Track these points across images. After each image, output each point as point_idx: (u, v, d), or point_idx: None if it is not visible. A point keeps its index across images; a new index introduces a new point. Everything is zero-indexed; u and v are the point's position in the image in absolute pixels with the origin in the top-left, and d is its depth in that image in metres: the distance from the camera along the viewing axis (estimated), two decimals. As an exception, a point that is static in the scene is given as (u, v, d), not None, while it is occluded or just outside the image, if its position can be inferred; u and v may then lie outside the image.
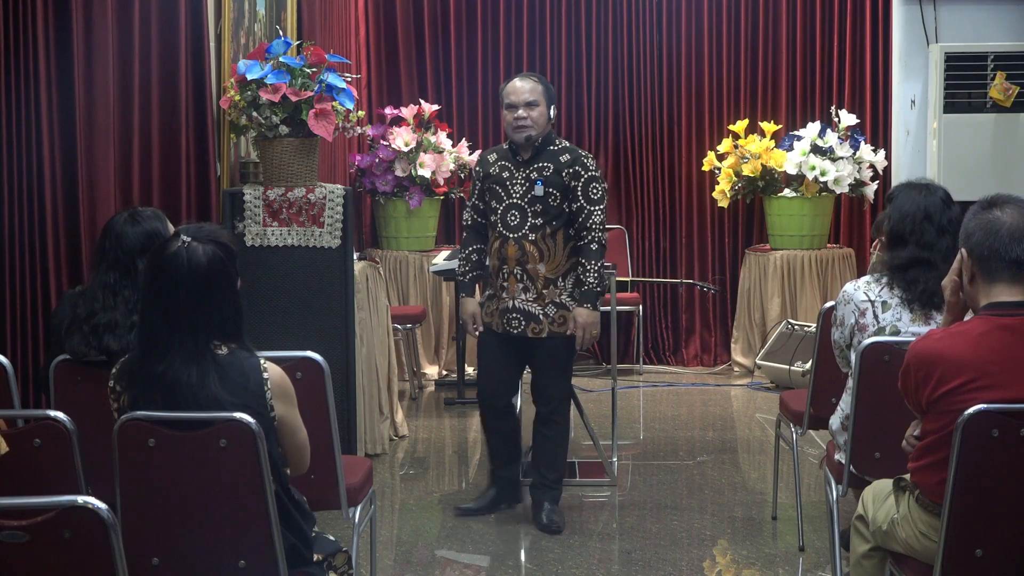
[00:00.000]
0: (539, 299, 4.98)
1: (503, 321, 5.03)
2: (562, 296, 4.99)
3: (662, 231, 8.54)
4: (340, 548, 3.35)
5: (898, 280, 3.94)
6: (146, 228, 3.77)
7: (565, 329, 4.99)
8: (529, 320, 5.00)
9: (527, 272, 4.97)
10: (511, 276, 5.00)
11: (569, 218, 4.98)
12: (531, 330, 5.00)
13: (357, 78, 6.98)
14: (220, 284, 3.00)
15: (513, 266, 4.98)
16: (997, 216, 3.02)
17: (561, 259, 4.98)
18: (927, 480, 3.09)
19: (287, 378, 3.13)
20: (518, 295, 4.99)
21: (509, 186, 5.00)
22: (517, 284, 4.99)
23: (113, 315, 3.67)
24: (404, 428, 6.60)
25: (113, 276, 3.71)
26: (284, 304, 5.38)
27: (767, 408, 7.18)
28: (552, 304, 4.99)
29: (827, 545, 4.59)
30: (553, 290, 4.98)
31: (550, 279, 4.97)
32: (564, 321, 4.99)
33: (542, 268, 4.96)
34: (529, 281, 4.98)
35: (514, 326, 5.01)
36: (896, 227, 3.98)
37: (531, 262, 4.96)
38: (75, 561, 2.47)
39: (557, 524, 5.03)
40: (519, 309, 5.00)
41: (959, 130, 7.47)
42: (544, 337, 5.01)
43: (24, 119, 4.14)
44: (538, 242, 4.96)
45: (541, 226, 4.95)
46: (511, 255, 4.98)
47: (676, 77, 8.44)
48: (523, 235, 4.96)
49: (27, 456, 3.02)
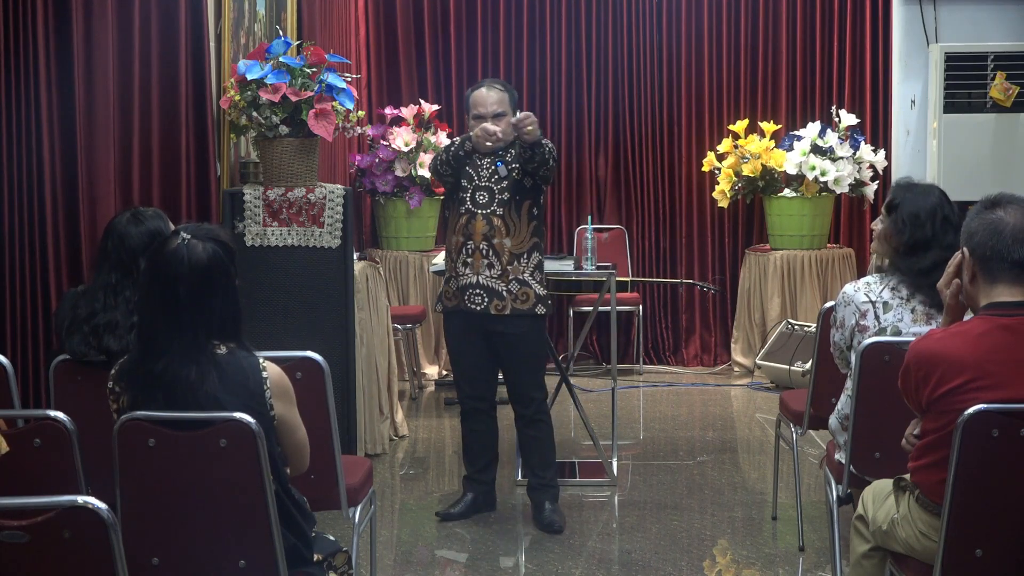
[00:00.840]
0: (503, 275, 4.98)
1: (464, 299, 5.02)
2: (524, 274, 4.99)
3: (662, 231, 8.54)
4: (340, 548, 3.35)
5: (922, 285, 3.87)
6: (148, 228, 3.78)
7: (529, 306, 4.99)
8: (492, 296, 4.99)
9: (493, 247, 4.97)
10: (476, 252, 4.99)
11: (532, 195, 5.00)
12: (494, 307, 4.99)
13: (357, 78, 6.98)
14: (220, 281, 3.00)
15: (480, 241, 4.98)
16: (1000, 217, 3.01)
17: (525, 235, 5.00)
18: (927, 480, 3.09)
19: (286, 377, 3.13)
20: (482, 271, 4.98)
21: (478, 171, 5.03)
22: (482, 260, 4.98)
23: (114, 315, 3.67)
24: (404, 428, 6.60)
25: (115, 276, 3.72)
26: (284, 304, 5.38)
27: (767, 408, 7.18)
28: (515, 280, 4.98)
29: (827, 545, 4.59)
30: (517, 266, 4.98)
31: (515, 254, 4.98)
32: (527, 299, 4.99)
33: (508, 243, 4.97)
34: (494, 256, 4.97)
35: (476, 303, 5.00)
36: (916, 233, 3.91)
37: (497, 236, 4.97)
38: (75, 561, 2.47)
39: (559, 524, 5.03)
40: (482, 285, 4.99)
41: (959, 130, 7.48)
42: (507, 314, 4.99)
43: (24, 119, 4.14)
44: (505, 216, 4.97)
45: (508, 200, 4.98)
46: (478, 230, 4.98)
47: (676, 77, 8.44)
48: (491, 211, 4.98)
49: (27, 456, 3.02)
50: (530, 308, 5.01)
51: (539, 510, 5.11)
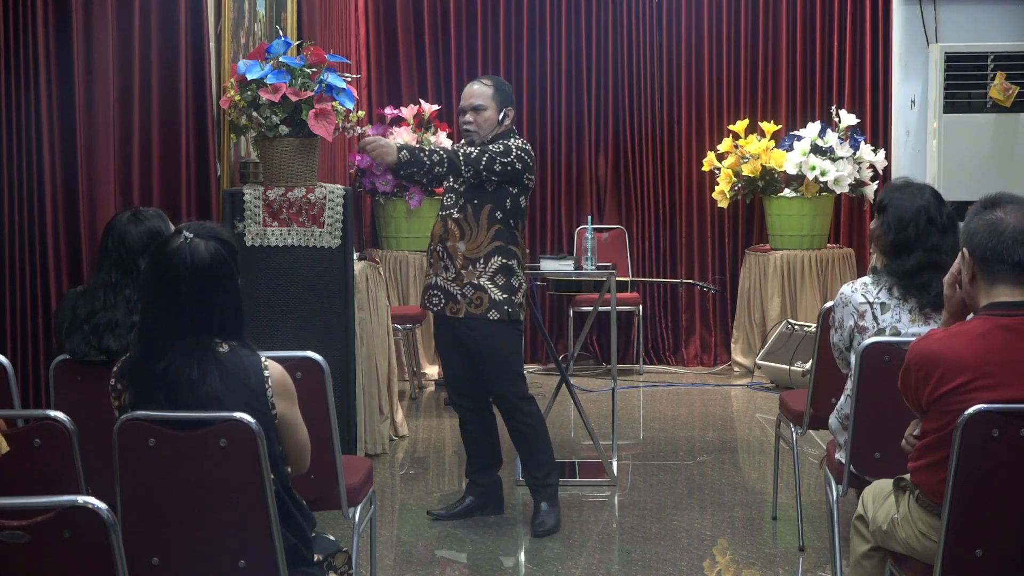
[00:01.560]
0: (457, 279, 4.95)
1: (424, 298, 5.08)
2: (481, 279, 4.93)
3: (662, 231, 8.54)
4: (340, 548, 3.35)
5: (909, 287, 3.90)
6: (149, 227, 3.78)
7: (482, 311, 4.94)
8: (448, 299, 4.99)
9: (447, 250, 4.97)
10: (434, 253, 5.03)
11: (495, 198, 4.93)
12: (449, 309, 4.99)
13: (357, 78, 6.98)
14: (222, 280, 3.00)
15: (436, 243, 5.01)
16: (1000, 217, 3.01)
17: (483, 240, 4.93)
18: (927, 480, 3.09)
19: (288, 376, 3.13)
20: (440, 273, 5.00)
21: None
22: (439, 262, 5.01)
23: (114, 314, 3.67)
24: (404, 428, 6.60)
25: (115, 275, 3.72)
26: (284, 304, 5.38)
27: (767, 408, 7.18)
28: (470, 285, 4.94)
29: (827, 545, 4.59)
30: (472, 271, 4.93)
31: (469, 259, 4.93)
32: (481, 303, 4.93)
33: (461, 247, 4.94)
34: (448, 259, 4.97)
35: (434, 303, 5.04)
36: (899, 235, 3.93)
37: (451, 239, 4.96)
38: (75, 561, 2.47)
39: (547, 527, 4.99)
40: (439, 287, 5.02)
41: (959, 130, 7.48)
42: (461, 317, 4.96)
43: (24, 119, 4.14)
44: (460, 220, 4.95)
45: (464, 204, 4.95)
46: (436, 232, 5.02)
47: (676, 77, 8.45)
48: (448, 213, 5.00)
49: (27, 456, 3.02)
50: (483, 312, 4.93)
51: (534, 512, 5.09)
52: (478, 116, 5.00)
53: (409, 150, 4.90)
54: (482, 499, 5.24)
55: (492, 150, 4.90)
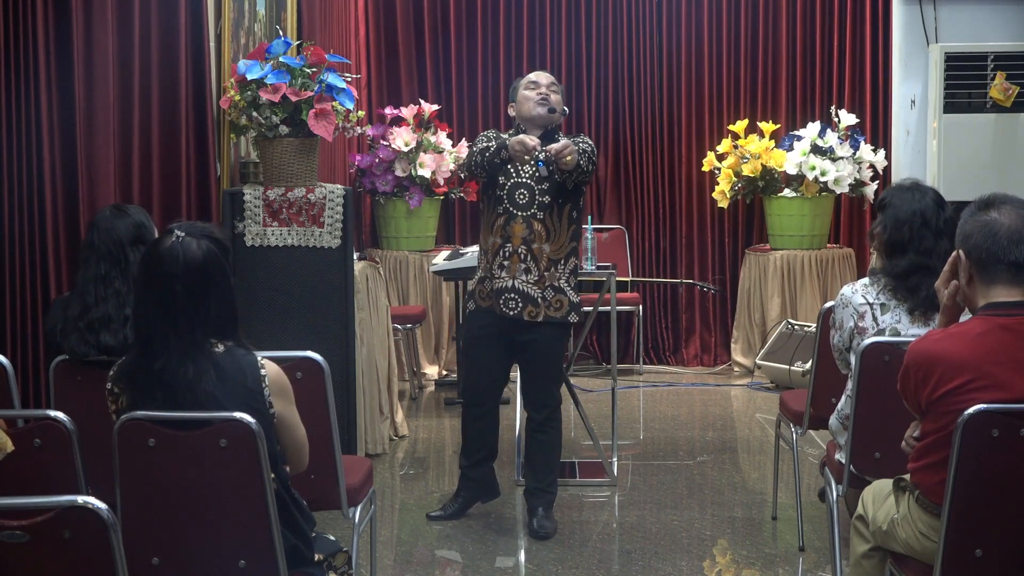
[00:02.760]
0: (539, 281, 4.88)
1: (499, 302, 4.91)
2: (560, 280, 4.90)
3: (662, 231, 8.54)
4: (340, 548, 3.35)
5: (900, 288, 3.92)
6: (134, 220, 3.82)
7: (562, 314, 4.92)
8: (527, 302, 4.89)
9: (531, 252, 4.87)
10: (514, 255, 4.88)
11: (574, 198, 4.92)
12: (527, 313, 4.89)
13: (357, 78, 6.98)
14: (216, 278, 3.00)
15: (518, 244, 4.87)
16: (995, 218, 3.01)
17: (564, 240, 4.91)
18: (927, 480, 3.09)
19: (284, 375, 3.14)
20: (519, 275, 4.89)
21: (517, 166, 4.91)
22: (519, 264, 4.88)
23: (105, 309, 3.69)
24: (404, 428, 6.60)
25: (104, 267, 3.73)
26: (284, 304, 5.37)
27: (767, 408, 7.18)
28: (551, 288, 4.89)
29: (827, 545, 4.59)
30: (554, 272, 4.89)
31: (553, 260, 4.89)
32: (561, 306, 4.91)
33: (547, 248, 4.88)
34: (532, 261, 4.87)
35: (510, 307, 4.90)
36: (893, 235, 3.96)
37: (537, 241, 4.87)
38: (75, 561, 2.47)
39: (547, 530, 4.97)
40: (517, 290, 4.90)
41: (959, 130, 7.48)
42: (539, 321, 4.90)
43: (24, 119, 4.14)
44: (545, 220, 4.87)
45: (549, 204, 4.87)
46: (517, 233, 4.88)
47: (676, 77, 8.45)
48: (531, 213, 4.87)
49: (27, 456, 3.02)
50: (563, 316, 4.93)
51: (532, 514, 5.05)
52: (553, 94, 4.99)
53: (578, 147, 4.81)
54: (477, 490, 5.23)
55: (588, 149, 4.88)
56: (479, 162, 4.93)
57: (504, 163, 4.89)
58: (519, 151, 4.80)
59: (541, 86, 5.01)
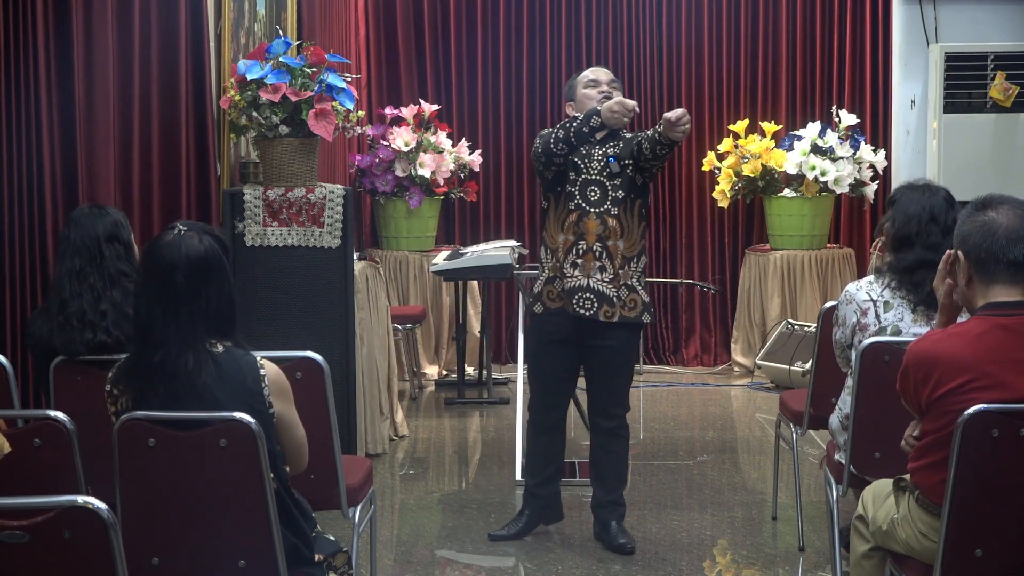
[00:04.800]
0: (615, 280, 4.69)
1: (572, 301, 4.70)
2: (632, 279, 4.73)
3: (662, 231, 8.54)
4: (340, 548, 3.35)
5: (904, 282, 3.93)
6: (112, 217, 3.84)
7: (636, 314, 4.73)
8: (602, 302, 4.69)
9: (607, 249, 4.69)
10: (588, 253, 4.69)
11: (644, 193, 4.78)
12: (603, 313, 4.69)
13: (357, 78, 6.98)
14: (216, 273, 3.01)
15: (593, 242, 4.69)
16: (993, 218, 3.02)
17: (636, 236, 4.73)
18: (927, 480, 3.09)
19: (283, 375, 3.14)
20: (593, 274, 4.69)
21: (587, 162, 4.74)
22: (594, 262, 4.69)
23: (80, 304, 3.70)
24: (404, 428, 6.60)
25: (79, 262, 3.74)
26: (284, 304, 5.37)
27: (767, 408, 7.18)
28: (625, 286, 4.71)
29: (827, 545, 4.59)
30: (628, 270, 4.71)
31: (627, 258, 4.72)
32: (635, 305, 4.73)
33: (621, 245, 4.70)
34: (607, 259, 4.69)
35: (586, 307, 4.69)
36: (901, 229, 3.97)
37: (612, 238, 4.69)
38: (75, 561, 2.47)
39: (630, 545, 4.78)
40: (593, 289, 4.70)
41: (959, 130, 7.47)
42: (615, 322, 4.71)
43: (24, 119, 4.14)
44: (620, 217, 4.70)
45: (623, 199, 4.71)
46: (592, 229, 4.69)
47: (676, 77, 8.44)
48: (606, 209, 4.69)
49: (27, 456, 3.02)
50: (637, 316, 4.74)
51: (605, 529, 4.84)
52: (615, 92, 4.85)
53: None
54: (542, 511, 4.98)
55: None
56: (562, 136, 4.66)
57: (593, 131, 4.66)
58: (618, 112, 4.62)
59: (602, 83, 4.87)
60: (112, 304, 3.73)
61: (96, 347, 3.70)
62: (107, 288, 3.74)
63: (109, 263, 3.76)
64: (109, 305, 3.72)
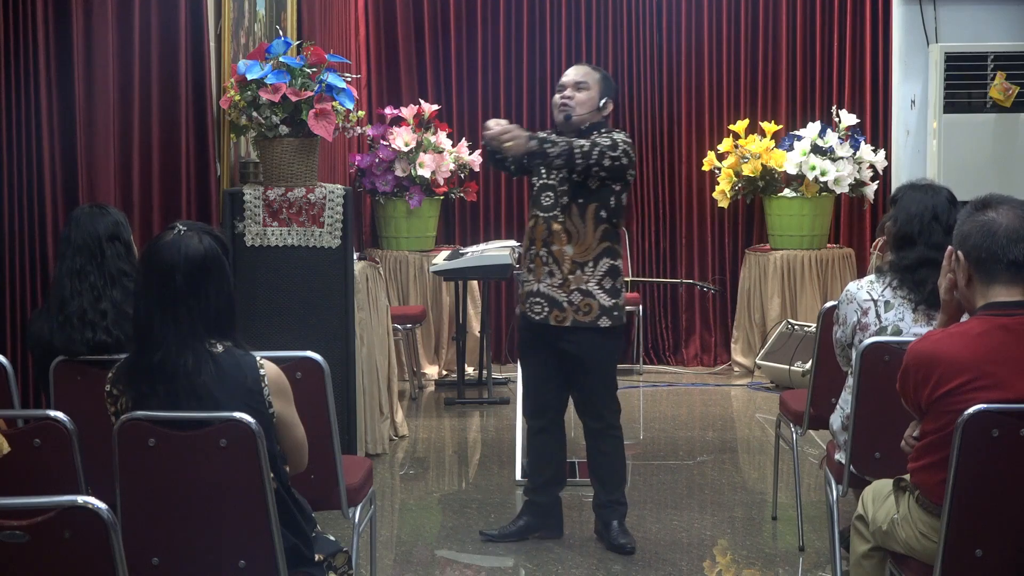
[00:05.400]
0: (564, 285, 4.68)
1: (526, 306, 4.77)
2: (589, 283, 4.67)
3: (662, 231, 8.54)
4: (340, 548, 3.35)
5: (907, 281, 3.92)
6: (113, 217, 3.85)
7: (592, 319, 4.69)
8: (552, 306, 4.70)
9: (552, 254, 4.69)
10: (537, 258, 4.73)
11: (600, 196, 4.67)
12: (554, 317, 4.70)
13: (357, 78, 6.98)
14: (215, 272, 3.01)
15: (540, 247, 4.71)
16: (993, 218, 3.02)
17: (591, 241, 4.67)
18: (927, 481, 3.09)
19: (283, 375, 3.14)
20: (543, 279, 4.71)
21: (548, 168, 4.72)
22: (543, 267, 4.71)
23: (80, 303, 3.70)
24: (404, 428, 6.60)
25: (79, 261, 3.75)
26: (284, 304, 5.38)
27: (767, 408, 7.18)
28: (577, 291, 4.67)
29: (827, 545, 4.59)
30: (580, 275, 4.67)
31: (578, 263, 4.67)
32: (590, 310, 4.68)
33: (569, 250, 4.67)
34: (555, 264, 4.68)
35: (536, 311, 4.73)
36: (904, 228, 3.97)
37: (557, 243, 4.68)
38: (75, 561, 2.47)
39: (630, 545, 4.78)
40: (543, 294, 4.72)
41: (959, 130, 7.47)
42: (567, 326, 4.70)
43: (24, 119, 4.14)
44: (566, 222, 4.66)
45: (567, 205, 4.66)
46: (539, 235, 4.72)
47: (676, 77, 8.45)
48: (553, 215, 4.69)
49: (27, 456, 3.02)
50: (592, 321, 4.68)
51: (607, 528, 4.84)
52: (579, 93, 4.75)
53: (538, 141, 4.56)
54: (539, 519, 4.94)
55: (601, 144, 4.62)
56: None
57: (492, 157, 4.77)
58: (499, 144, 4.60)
59: (566, 87, 4.82)
60: (112, 303, 3.73)
61: (96, 346, 3.70)
62: (107, 287, 3.74)
63: (110, 262, 3.76)
64: (109, 304, 3.73)
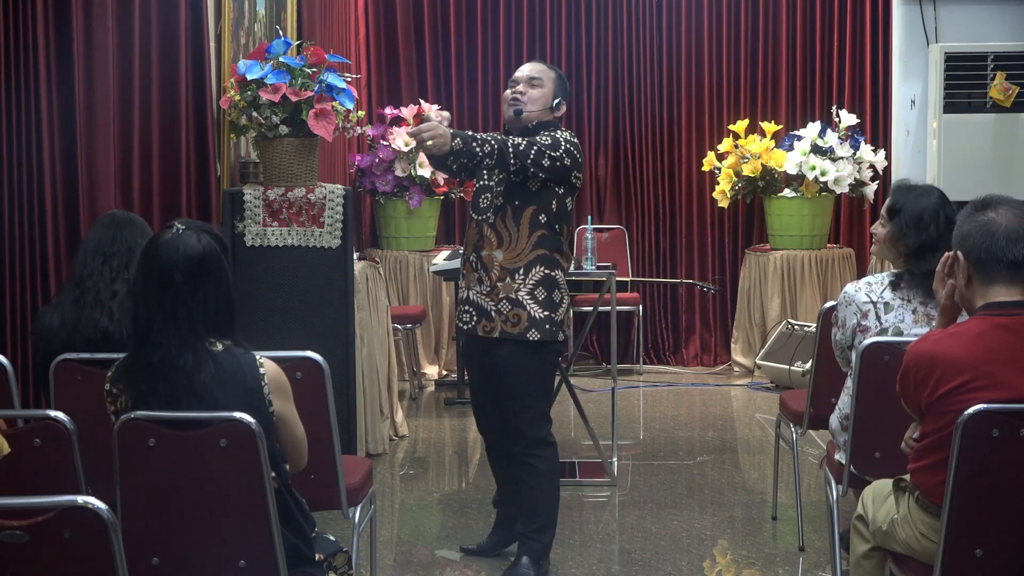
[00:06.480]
0: (492, 292, 4.34)
1: (457, 314, 4.51)
2: (519, 292, 4.32)
3: (662, 231, 8.54)
4: (340, 548, 3.35)
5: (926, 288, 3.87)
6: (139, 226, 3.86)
7: (520, 331, 4.33)
8: (481, 316, 4.38)
9: (481, 259, 4.36)
10: (467, 263, 4.43)
11: (538, 199, 4.33)
12: (482, 327, 4.37)
13: (357, 78, 6.98)
14: (214, 271, 3.01)
15: (470, 252, 4.40)
16: (992, 218, 3.02)
17: (524, 247, 4.32)
18: (927, 481, 3.09)
19: (283, 374, 3.14)
20: (473, 285, 4.40)
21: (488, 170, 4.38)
22: (473, 273, 4.40)
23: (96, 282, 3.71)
24: (404, 428, 6.61)
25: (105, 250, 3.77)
26: (284, 304, 5.37)
27: (767, 408, 7.18)
28: (506, 300, 4.33)
29: (827, 545, 4.59)
30: (509, 283, 4.32)
31: (507, 269, 4.32)
32: (519, 321, 4.33)
33: (499, 255, 4.33)
34: (483, 271, 4.35)
35: (464, 320, 4.43)
36: (922, 236, 3.90)
37: (486, 248, 4.34)
38: (75, 561, 2.47)
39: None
40: (472, 301, 4.40)
41: (959, 130, 7.47)
42: (496, 337, 4.36)
43: (24, 119, 4.14)
44: (497, 225, 4.33)
45: (502, 207, 4.33)
46: (470, 239, 4.41)
47: (676, 77, 8.45)
48: (485, 218, 4.35)
49: (27, 456, 3.02)
50: (520, 333, 4.32)
51: (515, 560, 4.50)
52: (531, 89, 4.45)
53: (463, 139, 4.21)
54: (505, 532, 4.75)
55: (540, 142, 4.29)
56: None
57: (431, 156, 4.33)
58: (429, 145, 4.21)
59: (518, 83, 4.51)
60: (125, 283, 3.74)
61: (101, 334, 3.69)
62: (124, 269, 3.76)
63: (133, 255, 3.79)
64: (122, 285, 3.74)
